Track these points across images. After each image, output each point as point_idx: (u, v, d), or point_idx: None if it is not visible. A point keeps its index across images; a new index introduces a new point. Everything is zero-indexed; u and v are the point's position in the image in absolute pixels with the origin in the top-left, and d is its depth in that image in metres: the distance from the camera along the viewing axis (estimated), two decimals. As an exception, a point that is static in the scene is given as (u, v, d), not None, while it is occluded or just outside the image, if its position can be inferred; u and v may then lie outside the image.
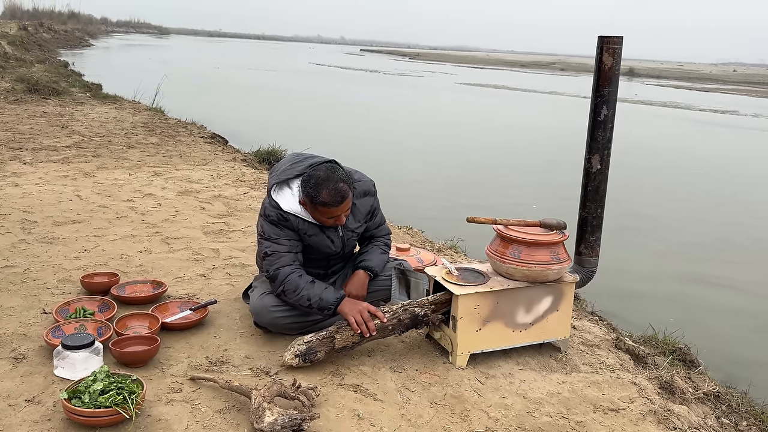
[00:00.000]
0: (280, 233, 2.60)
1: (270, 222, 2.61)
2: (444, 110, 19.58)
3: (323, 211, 2.53)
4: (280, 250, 2.58)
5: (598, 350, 2.91)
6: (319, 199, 2.49)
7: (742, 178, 11.20)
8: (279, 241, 2.60)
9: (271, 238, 2.60)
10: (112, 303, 2.82)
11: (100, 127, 8.12)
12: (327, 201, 2.49)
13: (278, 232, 2.60)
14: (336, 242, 2.74)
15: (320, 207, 2.51)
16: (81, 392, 2.01)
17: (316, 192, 2.49)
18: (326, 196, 2.48)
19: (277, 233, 2.60)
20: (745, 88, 45.31)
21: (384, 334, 2.53)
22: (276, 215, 2.59)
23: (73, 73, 15.97)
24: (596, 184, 2.79)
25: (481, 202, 7.98)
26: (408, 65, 55.19)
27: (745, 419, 2.81)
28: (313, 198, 2.51)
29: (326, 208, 2.51)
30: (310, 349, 2.41)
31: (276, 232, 2.60)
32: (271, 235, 2.60)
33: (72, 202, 4.64)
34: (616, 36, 2.66)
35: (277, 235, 2.60)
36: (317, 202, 2.50)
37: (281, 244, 2.59)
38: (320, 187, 2.49)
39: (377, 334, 2.50)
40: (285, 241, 2.60)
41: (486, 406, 2.32)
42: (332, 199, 2.49)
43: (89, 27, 65.42)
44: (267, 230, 2.61)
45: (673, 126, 18.59)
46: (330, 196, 2.49)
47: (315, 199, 2.50)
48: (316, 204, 2.52)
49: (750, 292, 5.63)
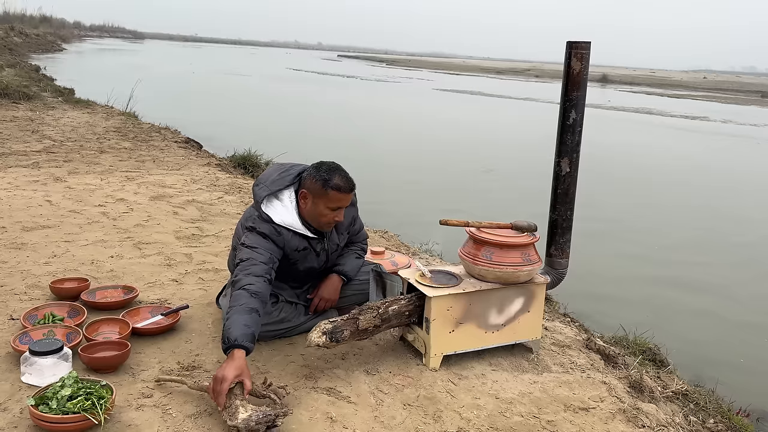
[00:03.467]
0: (263, 244, 2.51)
1: (257, 233, 2.52)
2: (420, 115, 19.67)
3: (333, 197, 2.52)
4: (257, 259, 2.46)
5: (570, 350, 2.95)
6: (332, 183, 2.50)
7: (713, 183, 11.45)
8: (259, 251, 2.49)
9: (252, 247, 2.49)
10: (82, 309, 2.78)
11: (71, 132, 8.01)
12: (341, 185, 2.51)
13: (261, 243, 2.51)
14: (321, 257, 2.72)
15: (332, 192, 2.51)
16: (49, 398, 1.98)
17: (329, 176, 2.51)
18: (340, 180, 2.52)
19: (259, 243, 2.51)
20: (714, 94, 46.32)
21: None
22: (268, 229, 2.52)
23: (45, 78, 15.70)
24: (566, 186, 2.83)
25: (455, 206, 8.03)
26: (385, 71, 55.37)
27: (712, 417, 2.88)
28: (326, 182, 2.50)
29: (339, 193, 2.51)
30: (336, 328, 2.36)
31: (259, 242, 2.51)
32: (252, 245, 2.50)
33: (42, 207, 4.57)
34: (584, 41, 2.71)
35: (259, 245, 2.50)
36: (331, 185, 2.50)
37: (260, 254, 2.48)
38: (334, 172, 2.52)
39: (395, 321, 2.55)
40: (265, 252, 2.49)
41: (458, 407, 2.34)
42: (346, 184, 2.53)
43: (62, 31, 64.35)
44: (250, 240, 2.51)
45: (645, 132, 18.93)
46: (344, 181, 2.53)
47: (328, 183, 2.50)
48: (328, 188, 2.50)
49: (719, 294, 5.75)
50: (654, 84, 56.11)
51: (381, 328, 2.55)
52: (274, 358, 2.56)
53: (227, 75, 32.84)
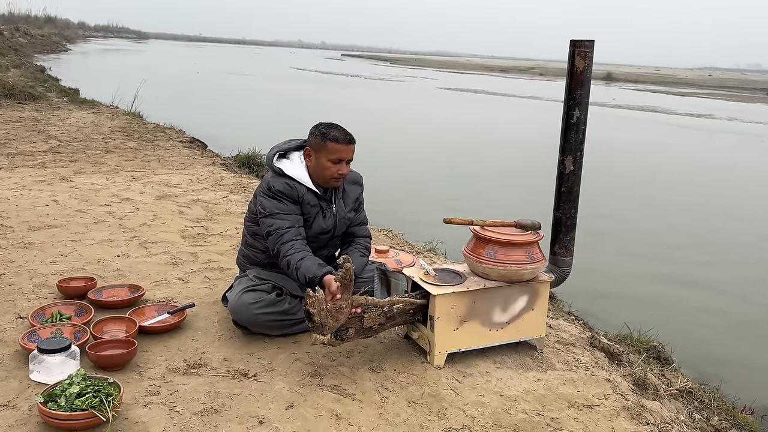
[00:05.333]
0: (283, 207, 2.62)
1: (273, 196, 2.62)
2: (424, 114, 19.67)
3: (332, 148, 2.61)
4: (282, 226, 2.58)
5: (574, 348, 2.96)
6: (330, 134, 2.62)
7: (717, 181, 11.42)
8: (281, 217, 2.60)
9: (273, 213, 2.60)
10: (89, 307, 2.80)
11: (77, 132, 8.05)
12: (338, 136, 2.62)
13: (280, 207, 2.61)
14: (328, 219, 2.77)
15: (330, 143, 2.61)
16: (57, 396, 2.00)
17: (328, 129, 2.64)
18: (338, 133, 2.63)
19: (279, 208, 2.61)
20: (720, 92, 46.17)
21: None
22: (282, 185, 2.62)
23: (50, 78, 15.78)
24: (569, 185, 2.84)
25: (460, 204, 8.04)
26: (389, 70, 55.34)
27: (716, 414, 2.88)
28: (324, 135, 2.62)
29: (336, 143, 2.61)
30: (341, 326, 2.40)
31: (278, 207, 2.61)
32: (273, 211, 2.61)
33: (48, 207, 4.60)
34: (588, 40, 2.72)
35: (280, 210, 2.61)
36: (329, 137, 2.61)
37: (283, 219, 2.60)
38: (332, 127, 2.65)
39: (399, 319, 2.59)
40: (287, 216, 2.61)
41: (463, 404, 2.35)
42: (343, 136, 2.63)
43: (66, 31, 64.52)
44: (268, 206, 2.62)
45: (649, 130, 18.88)
46: (341, 134, 2.63)
47: (326, 136, 2.62)
48: (326, 141, 2.61)
49: (723, 292, 5.74)
50: (659, 82, 55.95)
51: (386, 326, 2.56)
52: (280, 356, 2.58)
53: (231, 75, 32.90)
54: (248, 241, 2.85)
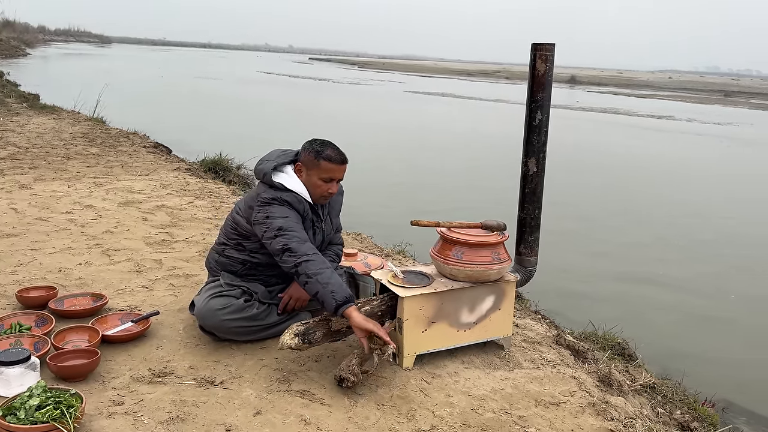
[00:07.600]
0: (291, 213, 2.56)
1: (281, 203, 2.56)
2: (392, 117, 19.73)
3: (325, 167, 2.59)
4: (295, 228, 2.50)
5: (540, 347, 3.00)
6: (324, 153, 2.60)
7: (678, 180, 11.72)
8: (292, 220, 2.53)
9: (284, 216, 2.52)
10: (50, 317, 2.73)
11: (37, 138, 7.85)
12: (333, 155, 2.61)
13: (290, 212, 2.55)
14: (318, 235, 2.75)
15: (324, 162, 2.59)
16: (16, 408, 1.95)
17: (322, 147, 2.62)
18: (332, 152, 2.62)
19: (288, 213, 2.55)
20: (679, 94, 47.40)
21: None
22: (291, 197, 2.59)
23: (9, 83, 15.36)
24: (533, 186, 2.89)
25: (428, 207, 8.08)
26: (357, 74, 55.38)
27: (679, 408, 2.95)
28: (318, 153, 2.60)
29: (330, 163, 2.60)
30: (308, 330, 2.38)
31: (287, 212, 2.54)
32: (283, 214, 2.53)
33: (7, 215, 4.48)
34: (549, 43, 2.77)
35: (289, 215, 2.54)
36: (323, 156, 2.59)
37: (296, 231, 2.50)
38: (326, 145, 2.64)
39: None
40: (297, 222, 2.55)
41: (432, 405, 2.36)
42: (337, 156, 2.62)
43: (25, 36, 62.93)
44: (277, 211, 2.53)
45: (612, 131, 19.28)
46: (335, 153, 2.62)
47: (320, 154, 2.60)
48: (320, 159, 2.59)
49: (684, 288, 5.89)
50: (621, 84, 57.17)
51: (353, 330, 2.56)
52: (248, 362, 2.55)
53: (196, 78, 32.50)
54: (227, 251, 2.79)
